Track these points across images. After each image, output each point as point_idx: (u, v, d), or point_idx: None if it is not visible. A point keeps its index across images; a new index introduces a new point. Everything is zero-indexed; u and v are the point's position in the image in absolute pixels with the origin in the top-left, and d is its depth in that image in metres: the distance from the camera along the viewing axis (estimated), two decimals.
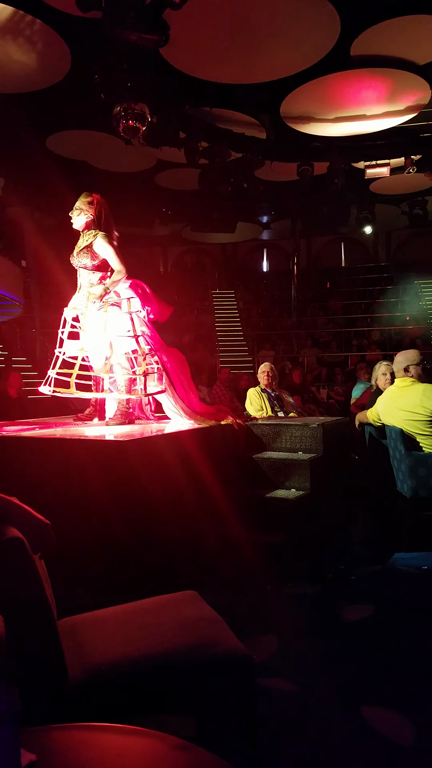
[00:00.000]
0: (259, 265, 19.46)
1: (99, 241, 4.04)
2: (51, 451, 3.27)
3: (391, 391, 4.15)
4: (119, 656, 1.42)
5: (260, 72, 7.59)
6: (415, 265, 16.54)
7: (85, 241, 4.11)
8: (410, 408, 3.86)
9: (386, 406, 4.09)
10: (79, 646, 1.47)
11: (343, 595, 3.08)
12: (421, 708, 2.05)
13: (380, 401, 4.21)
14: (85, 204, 4.16)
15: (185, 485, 3.43)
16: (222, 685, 1.44)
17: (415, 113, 8.80)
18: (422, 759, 1.79)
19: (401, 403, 3.94)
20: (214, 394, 8.19)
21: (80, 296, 4.17)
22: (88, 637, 1.52)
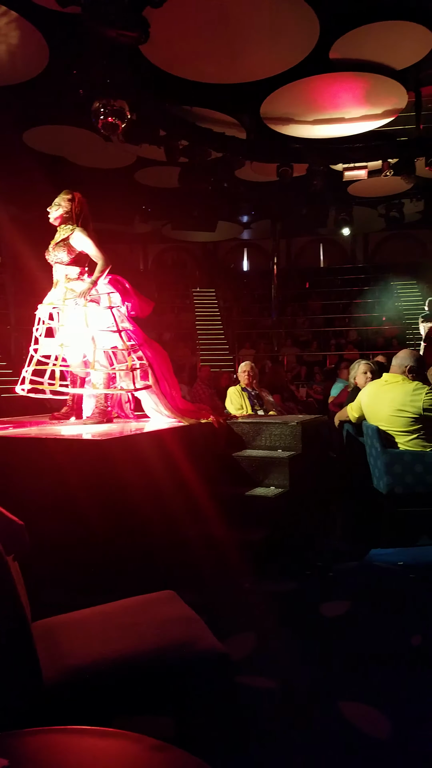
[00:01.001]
0: (239, 264, 19.50)
1: (77, 234, 4.00)
2: (26, 451, 3.23)
3: (378, 384, 4.12)
4: (95, 657, 1.40)
5: (240, 72, 7.60)
6: (392, 267, 16.79)
7: (61, 235, 4.06)
8: (398, 404, 3.85)
9: (371, 398, 4.07)
10: (55, 648, 1.45)
11: (321, 591, 3.09)
12: (397, 702, 2.07)
13: (364, 393, 4.20)
14: (64, 200, 4.11)
15: (165, 484, 3.42)
16: (200, 683, 1.44)
17: (393, 117, 8.90)
18: (398, 752, 1.81)
19: (388, 397, 3.92)
20: (195, 393, 8.18)
21: (57, 292, 4.11)
22: (63, 639, 1.50)
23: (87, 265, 4.13)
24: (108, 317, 4.06)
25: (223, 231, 15.91)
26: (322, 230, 16.44)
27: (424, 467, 3.68)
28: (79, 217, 4.10)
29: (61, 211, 4.07)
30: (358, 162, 9.73)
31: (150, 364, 4.12)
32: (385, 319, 14.81)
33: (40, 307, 4.12)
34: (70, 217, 4.08)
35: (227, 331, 15.00)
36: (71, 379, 4.24)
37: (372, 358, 8.82)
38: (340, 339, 14.26)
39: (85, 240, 3.99)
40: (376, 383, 4.17)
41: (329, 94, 8.15)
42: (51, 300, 4.12)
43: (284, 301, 16.02)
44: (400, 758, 1.79)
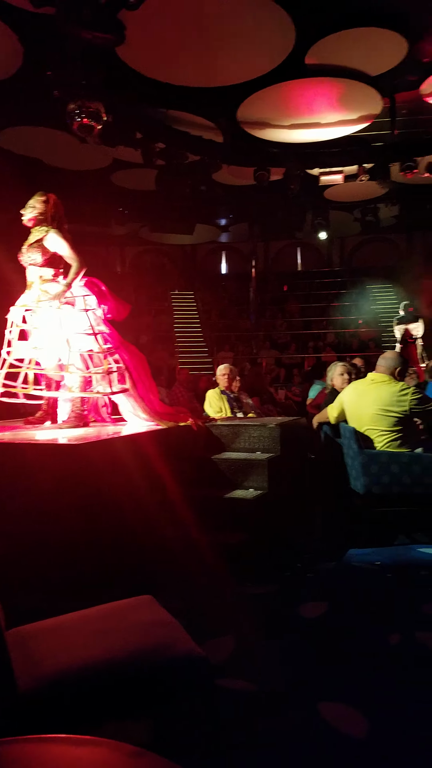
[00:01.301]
0: (217, 267, 19.52)
1: (52, 235, 3.95)
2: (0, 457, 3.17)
3: (363, 383, 4.13)
4: (72, 664, 1.38)
5: (217, 76, 7.62)
6: (368, 271, 17.01)
7: (35, 236, 4.01)
8: (384, 404, 3.87)
9: (355, 397, 4.07)
10: (30, 656, 1.42)
11: (299, 593, 3.10)
12: (374, 702, 2.08)
13: (347, 393, 4.21)
14: (38, 202, 4.06)
15: (143, 488, 3.40)
16: (179, 688, 1.43)
17: (368, 123, 9.02)
18: (375, 751, 1.82)
19: (373, 396, 3.94)
20: (173, 395, 8.16)
21: (31, 294, 4.06)
22: (40, 646, 1.47)
23: (62, 267, 4.08)
24: (83, 320, 4.02)
25: (201, 234, 15.92)
26: (299, 234, 16.55)
27: (400, 467, 3.71)
28: (54, 219, 4.06)
29: (35, 213, 4.02)
30: (334, 167, 9.84)
31: (127, 368, 4.08)
32: (361, 322, 14.98)
33: (13, 310, 4.06)
34: (44, 219, 4.03)
35: (206, 333, 15.01)
36: (46, 383, 4.19)
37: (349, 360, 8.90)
38: (317, 342, 14.39)
39: (60, 241, 3.95)
40: (361, 382, 4.18)
41: (305, 98, 8.22)
42: (24, 302, 4.06)
43: (262, 304, 16.10)
44: (378, 757, 1.80)
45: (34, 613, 1.77)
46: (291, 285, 17.89)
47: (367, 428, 3.95)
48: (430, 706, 2.05)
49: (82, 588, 2.76)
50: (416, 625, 2.67)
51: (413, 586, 3.15)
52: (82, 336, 4.02)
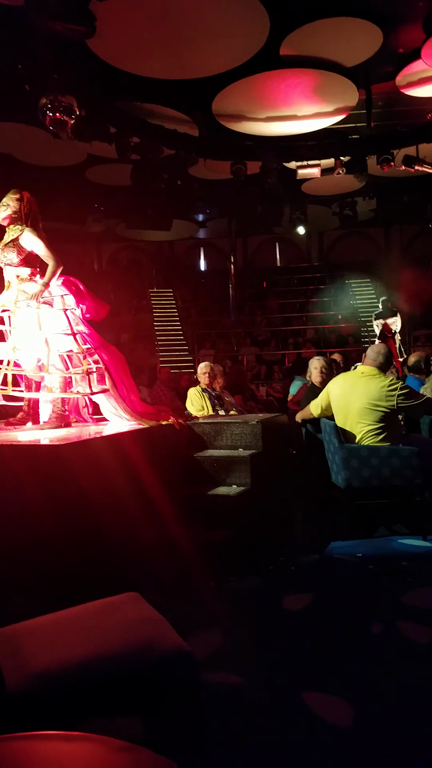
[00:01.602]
0: (196, 263, 19.48)
1: (27, 234, 3.91)
2: None
3: (353, 376, 4.13)
4: (60, 662, 1.39)
5: (190, 68, 7.57)
6: (346, 266, 17.11)
7: (10, 235, 3.97)
8: (372, 398, 3.89)
9: (344, 389, 4.06)
10: (18, 655, 1.43)
11: (283, 586, 3.14)
12: (359, 690, 2.12)
13: (334, 385, 4.19)
14: (12, 200, 4.01)
15: (126, 487, 3.40)
16: (165, 683, 1.44)
17: (344, 115, 9.04)
18: (361, 739, 1.86)
19: (361, 390, 3.95)
20: (155, 394, 8.14)
21: (8, 294, 4.02)
22: (27, 646, 1.48)
23: (38, 266, 4.05)
24: (62, 320, 4.00)
25: (179, 230, 15.87)
26: (277, 229, 16.61)
27: (380, 460, 3.77)
28: (29, 217, 4.01)
29: (9, 211, 3.98)
30: (311, 160, 9.87)
31: (106, 368, 4.07)
32: (341, 317, 15.08)
33: None
34: (18, 217, 3.99)
35: (186, 331, 14.99)
36: (26, 384, 4.15)
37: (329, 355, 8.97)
38: (297, 338, 14.45)
39: (36, 240, 3.91)
40: (350, 375, 4.19)
41: (281, 90, 8.22)
42: (2, 302, 4.02)
43: (242, 300, 16.11)
44: (363, 744, 1.84)
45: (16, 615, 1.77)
46: (270, 281, 17.94)
47: (353, 421, 3.98)
48: (413, 694, 2.09)
49: (67, 588, 2.76)
50: (397, 615, 2.72)
51: (394, 577, 3.20)
52: (61, 336, 3.99)
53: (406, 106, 9.15)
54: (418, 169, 9.37)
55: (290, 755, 1.80)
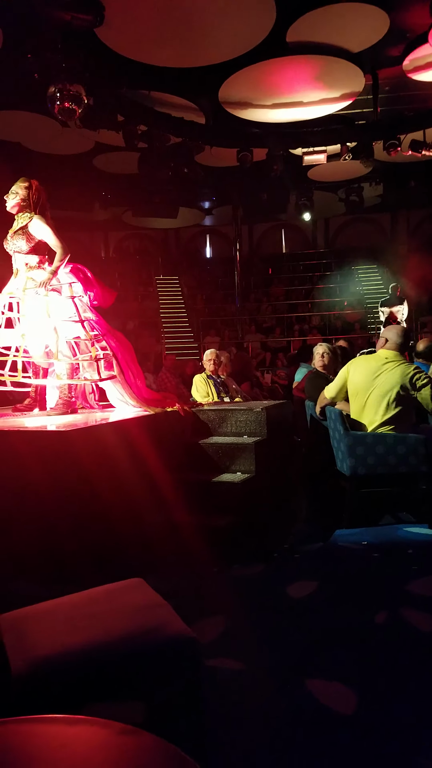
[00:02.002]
0: (202, 251, 19.41)
1: (36, 221, 3.93)
2: None
3: (374, 361, 3.99)
4: (64, 647, 1.41)
5: (197, 56, 7.54)
6: (352, 252, 16.99)
7: (19, 223, 3.99)
8: (396, 385, 3.81)
9: (363, 375, 3.94)
10: (23, 639, 1.45)
11: (287, 573, 3.15)
12: (363, 678, 2.14)
13: (354, 368, 4.05)
14: (21, 188, 4.03)
15: (132, 473, 3.42)
16: (168, 668, 1.46)
17: (351, 100, 8.96)
18: (364, 726, 1.88)
19: (385, 376, 3.86)
20: (160, 381, 8.17)
21: (17, 281, 4.05)
22: (32, 630, 1.50)
23: (47, 254, 4.07)
24: (70, 307, 4.02)
25: (185, 217, 15.81)
26: (283, 216, 16.50)
27: (386, 448, 3.76)
28: (37, 205, 4.04)
29: (18, 199, 4.00)
30: (317, 146, 9.78)
31: (114, 354, 4.09)
32: (346, 303, 15.01)
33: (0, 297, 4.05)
34: (27, 205, 4.01)
35: (191, 318, 14.97)
36: (33, 370, 4.19)
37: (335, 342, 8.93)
38: (303, 324, 14.40)
39: (44, 228, 3.93)
40: (372, 360, 4.02)
41: (287, 77, 8.15)
42: (10, 290, 4.05)
43: (247, 287, 16.06)
44: (366, 732, 1.86)
45: (25, 599, 1.80)
46: (276, 268, 17.86)
47: (371, 407, 3.89)
48: (417, 682, 2.11)
49: (72, 572, 2.79)
50: (402, 603, 2.72)
51: (399, 566, 3.21)
52: (69, 323, 4.02)
53: (413, 91, 9.04)
54: (425, 154, 9.27)
55: (292, 741, 1.83)
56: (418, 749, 1.77)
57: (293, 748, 1.79)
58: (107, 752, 0.84)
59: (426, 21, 6.98)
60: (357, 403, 4.00)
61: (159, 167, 9.96)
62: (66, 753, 0.81)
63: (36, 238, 3.97)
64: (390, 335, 4.04)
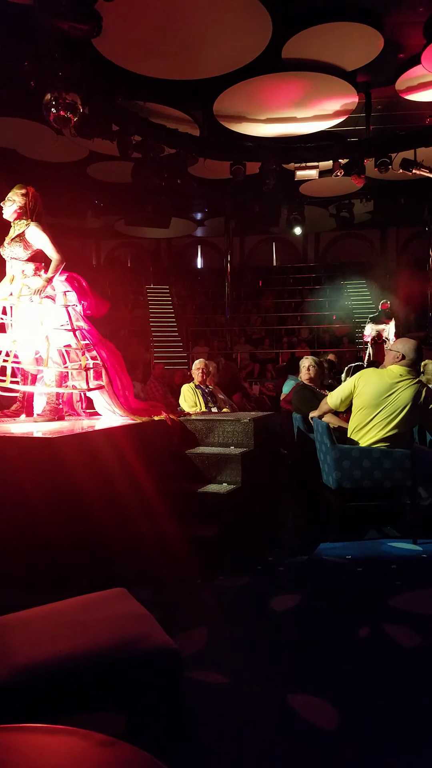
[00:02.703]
0: (193, 261, 19.49)
1: (33, 229, 3.94)
2: None
3: (387, 376, 3.88)
4: (45, 656, 1.40)
5: (193, 69, 7.61)
6: (342, 267, 17.16)
7: (16, 230, 3.99)
8: (404, 404, 3.77)
9: (376, 388, 3.86)
10: (4, 647, 1.43)
11: (271, 586, 3.15)
12: (345, 693, 2.13)
13: (365, 380, 3.93)
14: (18, 195, 4.05)
15: (117, 482, 3.41)
16: (149, 680, 1.45)
17: (344, 117, 9.09)
18: (346, 742, 1.87)
19: (398, 395, 3.80)
20: (148, 390, 8.15)
21: (12, 287, 4.05)
22: (13, 638, 1.48)
23: (43, 261, 4.08)
24: (63, 315, 4.03)
25: (177, 228, 15.87)
26: (274, 229, 16.63)
27: (372, 462, 3.78)
28: (34, 212, 4.05)
29: (15, 206, 4.01)
30: (309, 162, 9.89)
31: (104, 364, 4.09)
32: (335, 317, 15.13)
33: None
34: (24, 212, 4.02)
35: (181, 328, 14.99)
36: (23, 376, 4.18)
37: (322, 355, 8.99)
38: (292, 337, 14.49)
39: (42, 235, 3.95)
40: (385, 375, 3.89)
41: (281, 93, 8.26)
42: (4, 295, 4.05)
43: (237, 299, 16.13)
44: (347, 747, 1.85)
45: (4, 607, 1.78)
46: (266, 280, 17.98)
47: (377, 425, 3.85)
48: (399, 698, 2.11)
49: (54, 581, 2.76)
50: (385, 618, 2.73)
51: (383, 580, 3.22)
52: (61, 331, 4.02)
53: (406, 110, 9.19)
54: (416, 172, 9.41)
55: (273, 755, 1.81)
56: (400, 766, 1.77)
57: (274, 763, 1.77)
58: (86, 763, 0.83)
59: (419, 42, 7.13)
60: (361, 417, 3.92)
61: (152, 177, 10.00)
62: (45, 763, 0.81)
63: (33, 245, 3.98)
64: (406, 351, 3.88)
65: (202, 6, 6.31)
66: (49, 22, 5.66)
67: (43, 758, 0.82)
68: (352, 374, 6.03)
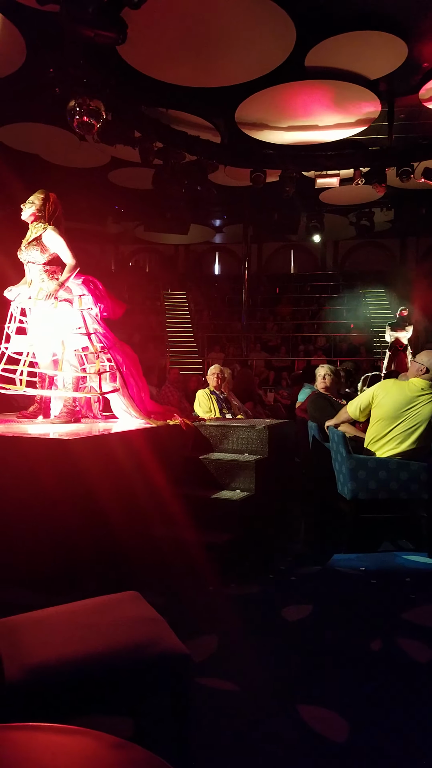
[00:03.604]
0: (210, 267, 19.54)
1: (49, 232, 3.99)
2: None
3: (408, 390, 3.83)
4: (58, 656, 1.40)
5: (216, 77, 7.66)
6: (361, 275, 17.07)
7: (33, 233, 4.04)
8: (421, 419, 3.72)
9: (396, 400, 3.81)
10: (18, 647, 1.44)
11: (283, 595, 3.13)
12: (355, 706, 2.11)
13: (386, 391, 3.88)
14: (38, 199, 4.10)
15: (132, 485, 3.42)
16: (161, 684, 1.45)
17: (366, 126, 9.08)
18: (355, 755, 1.85)
19: (419, 409, 3.75)
20: (163, 395, 8.17)
21: (30, 290, 4.10)
22: (26, 638, 1.49)
23: (60, 265, 4.12)
24: (79, 319, 4.06)
25: (196, 234, 15.94)
26: (293, 236, 16.62)
27: (388, 473, 3.75)
28: (52, 217, 4.10)
29: (34, 209, 4.06)
30: (330, 170, 9.89)
31: (119, 368, 4.12)
32: (353, 326, 15.05)
33: (13, 305, 4.11)
34: (42, 216, 4.07)
35: (197, 334, 15.02)
36: (40, 379, 4.22)
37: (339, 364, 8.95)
38: (308, 345, 14.44)
39: (58, 239, 3.98)
40: (407, 388, 3.84)
41: (303, 101, 8.27)
42: (24, 298, 4.11)
43: (254, 305, 16.13)
44: (357, 760, 1.83)
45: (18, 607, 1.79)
46: (283, 287, 17.95)
47: (396, 437, 3.81)
48: (410, 712, 2.08)
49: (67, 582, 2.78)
50: (398, 632, 2.69)
51: (397, 593, 3.18)
52: (77, 334, 4.05)
53: (428, 120, 9.16)
54: None
55: (280, 764, 1.80)
56: None
57: None
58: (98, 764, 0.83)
59: None
60: (378, 428, 3.88)
61: (173, 184, 10.07)
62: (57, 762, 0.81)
63: (49, 249, 4.02)
64: (430, 364, 3.80)
65: (226, 14, 6.36)
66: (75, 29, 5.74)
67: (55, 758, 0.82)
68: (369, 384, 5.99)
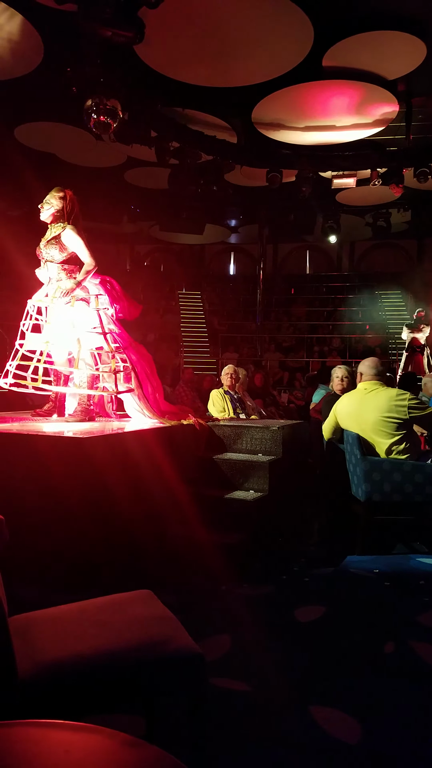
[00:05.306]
0: (225, 267, 19.52)
1: (68, 232, 4.01)
2: (7, 447, 3.21)
3: (359, 393, 4.08)
4: (71, 653, 1.40)
5: (233, 76, 7.65)
6: (377, 276, 16.96)
7: (52, 233, 4.07)
8: (383, 411, 3.87)
9: (353, 407, 4.04)
10: (31, 643, 1.45)
11: (296, 596, 3.11)
12: (369, 708, 2.09)
13: (342, 404, 4.18)
14: (56, 198, 4.12)
15: (145, 484, 3.43)
16: (173, 683, 1.45)
17: (383, 126, 9.01)
18: (368, 758, 1.83)
19: (371, 404, 3.92)
20: (177, 394, 8.19)
21: (47, 289, 4.13)
22: (40, 635, 1.50)
23: (78, 264, 4.14)
24: (95, 318, 4.08)
25: (211, 234, 15.94)
26: (308, 237, 16.55)
27: (403, 476, 3.72)
28: (71, 216, 4.12)
29: (53, 210, 4.09)
30: (347, 170, 9.84)
31: (134, 368, 4.14)
32: (368, 327, 14.95)
33: (30, 302, 4.13)
34: (61, 215, 4.10)
35: (211, 334, 15.02)
36: (55, 377, 4.24)
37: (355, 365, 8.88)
38: (323, 346, 14.37)
39: (76, 238, 4.01)
40: (354, 394, 4.14)
41: (321, 101, 8.24)
42: (41, 296, 4.14)
43: (269, 306, 16.09)
44: (368, 762, 1.81)
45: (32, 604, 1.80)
46: (298, 288, 17.89)
47: (371, 436, 3.93)
48: (423, 715, 2.06)
49: (81, 579, 2.79)
50: (411, 634, 2.67)
51: (410, 596, 3.15)
52: (93, 334, 4.07)
53: None
54: None
55: (292, 766, 1.79)
56: None
57: None
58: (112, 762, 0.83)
59: None
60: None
61: (189, 184, 10.08)
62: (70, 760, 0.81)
63: (68, 248, 4.05)
64: (363, 369, 4.16)
65: (243, 14, 6.35)
66: (92, 29, 5.77)
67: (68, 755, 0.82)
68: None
